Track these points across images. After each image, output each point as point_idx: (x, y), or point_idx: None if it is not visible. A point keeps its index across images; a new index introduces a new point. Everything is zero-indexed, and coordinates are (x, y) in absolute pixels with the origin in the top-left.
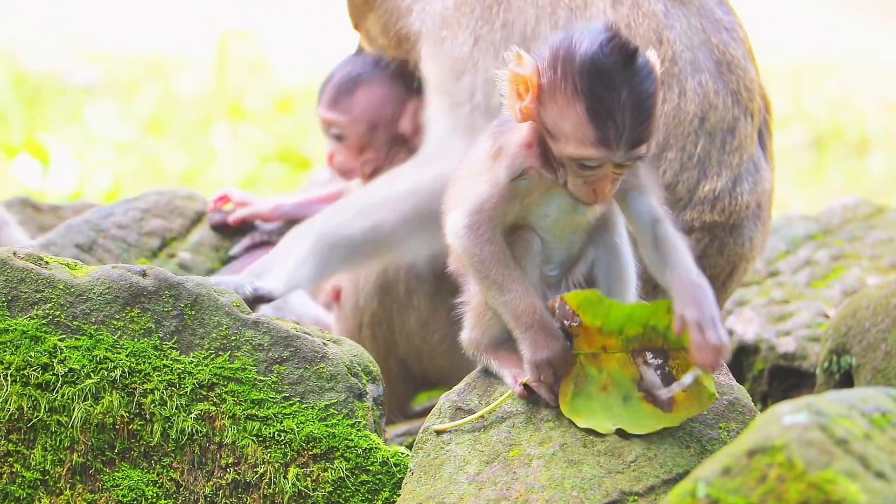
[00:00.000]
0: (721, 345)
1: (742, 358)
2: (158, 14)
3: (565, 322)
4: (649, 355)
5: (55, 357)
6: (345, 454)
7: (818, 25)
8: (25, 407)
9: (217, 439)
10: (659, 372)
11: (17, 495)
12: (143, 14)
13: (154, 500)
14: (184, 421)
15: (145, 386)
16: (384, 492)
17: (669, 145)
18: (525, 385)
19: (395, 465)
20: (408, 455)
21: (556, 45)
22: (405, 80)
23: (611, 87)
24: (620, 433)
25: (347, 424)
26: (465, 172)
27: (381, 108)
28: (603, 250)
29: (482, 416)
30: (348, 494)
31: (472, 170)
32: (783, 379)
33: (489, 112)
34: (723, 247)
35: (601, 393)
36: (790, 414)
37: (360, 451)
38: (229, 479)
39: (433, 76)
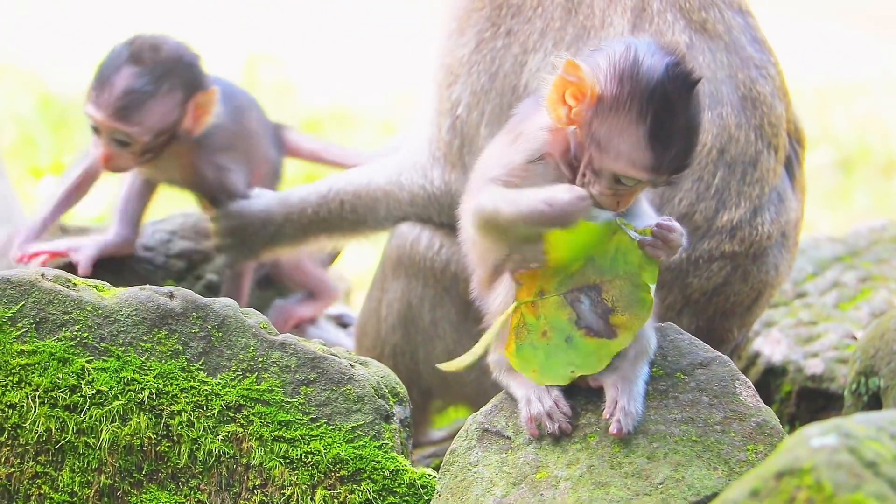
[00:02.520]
0: (682, 231)
1: (770, 379)
2: (185, 37)
3: (525, 266)
4: (581, 295)
5: (83, 379)
6: (372, 476)
7: (844, 46)
8: (53, 428)
9: (244, 461)
10: (593, 307)
11: None
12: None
13: None
14: (211, 442)
15: (173, 407)
16: None
17: (685, 175)
18: (534, 419)
19: (423, 486)
20: (435, 477)
21: (616, 58)
22: (185, 84)
23: (673, 115)
24: (582, 380)
25: (374, 446)
26: (478, 174)
27: (168, 118)
28: None
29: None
30: None
31: (486, 165)
32: (811, 401)
33: (464, 131)
34: (746, 275)
35: (541, 339)
36: (818, 436)
37: (387, 473)
38: (256, 501)
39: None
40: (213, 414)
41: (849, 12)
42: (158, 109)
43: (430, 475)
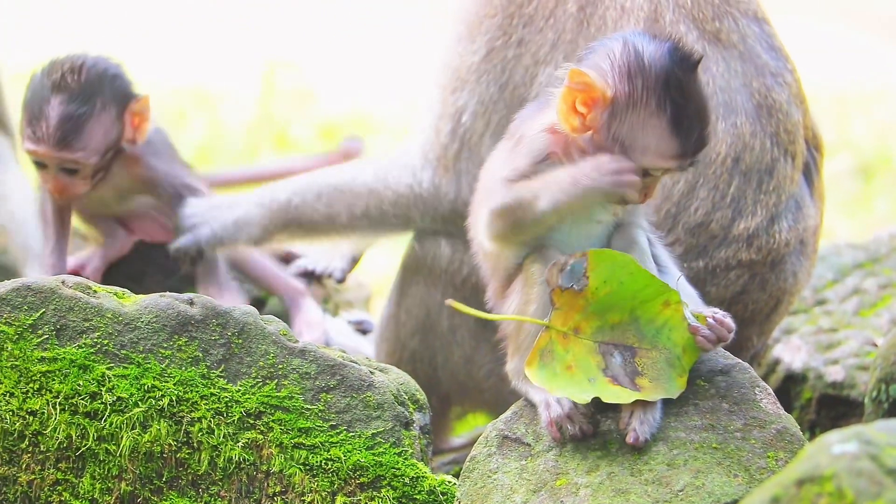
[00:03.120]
0: (734, 328)
1: (790, 386)
2: (205, 45)
3: (564, 285)
4: (615, 350)
5: (103, 386)
6: (392, 483)
7: (864, 54)
8: (74, 435)
9: (264, 468)
10: (623, 365)
11: None
12: (190, 45)
13: None
14: (231, 449)
15: (193, 414)
16: None
17: (700, 184)
18: (555, 422)
19: (443, 493)
20: (455, 484)
21: (617, 56)
22: (116, 97)
23: (687, 97)
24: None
25: (394, 453)
26: (485, 183)
27: (110, 134)
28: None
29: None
30: None
31: (491, 172)
32: (831, 408)
33: (465, 139)
34: (764, 283)
35: (566, 371)
36: (839, 443)
37: (407, 480)
38: None
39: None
40: (234, 421)
41: (853, 14)
42: (99, 129)
43: (449, 482)
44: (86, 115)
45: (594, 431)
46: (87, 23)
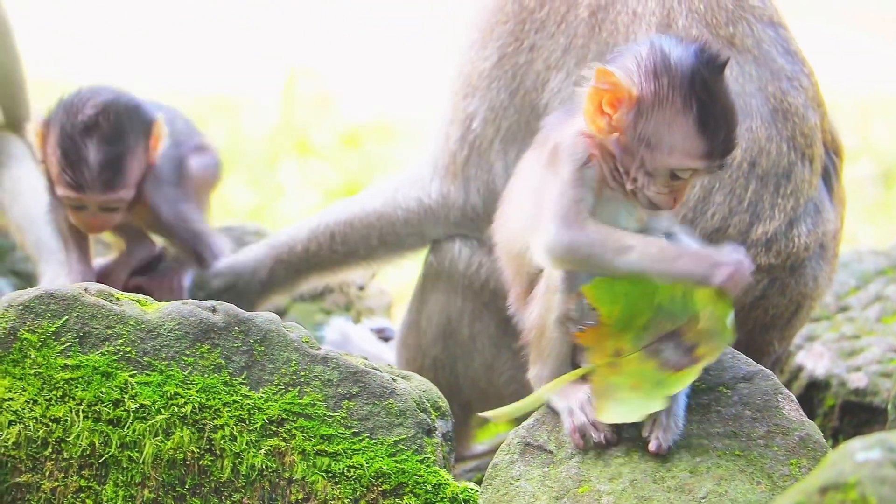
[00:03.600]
0: (742, 259)
1: (813, 393)
2: (226, 52)
3: (580, 327)
4: (660, 345)
5: (126, 393)
6: (414, 490)
7: (887, 59)
8: (97, 443)
9: (287, 475)
10: (676, 350)
11: None
12: (211, 52)
13: None
14: (254, 457)
15: (215, 422)
16: None
17: (716, 189)
18: (578, 430)
19: (465, 500)
20: (477, 491)
21: (644, 56)
22: (142, 127)
23: (714, 98)
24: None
25: (417, 460)
26: (519, 199)
27: (142, 165)
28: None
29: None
30: None
31: (529, 188)
32: (854, 415)
33: (475, 145)
34: (784, 287)
35: (632, 393)
36: (863, 450)
37: (429, 487)
38: None
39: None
40: (256, 428)
41: (856, 15)
42: (135, 163)
43: (472, 489)
44: (124, 153)
45: (618, 440)
46: (108, 30)
